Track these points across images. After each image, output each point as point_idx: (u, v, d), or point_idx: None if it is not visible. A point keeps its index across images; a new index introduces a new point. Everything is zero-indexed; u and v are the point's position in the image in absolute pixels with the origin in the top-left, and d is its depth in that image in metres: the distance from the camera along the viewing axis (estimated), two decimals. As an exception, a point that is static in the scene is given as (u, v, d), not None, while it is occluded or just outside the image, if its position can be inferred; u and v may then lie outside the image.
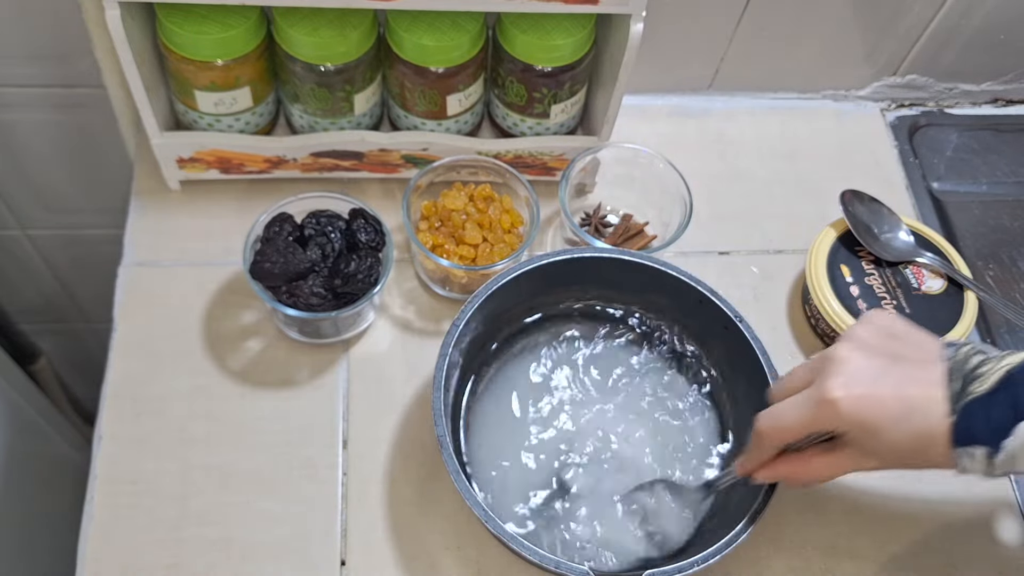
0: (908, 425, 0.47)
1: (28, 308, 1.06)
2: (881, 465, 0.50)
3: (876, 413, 0.47)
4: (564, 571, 0.53)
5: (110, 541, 0.61)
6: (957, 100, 0.90)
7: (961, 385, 0.47)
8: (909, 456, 0.48)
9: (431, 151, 0.73)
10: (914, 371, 0.48)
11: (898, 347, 0.49)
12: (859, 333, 0.50)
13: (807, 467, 0.52)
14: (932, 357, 0.48)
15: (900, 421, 0.47)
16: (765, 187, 0.82)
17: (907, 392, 0.47)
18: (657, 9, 0.73)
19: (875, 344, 0.49)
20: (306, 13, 0.64)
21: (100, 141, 0.83)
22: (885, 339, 0.50)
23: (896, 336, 0.50)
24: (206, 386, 0.67)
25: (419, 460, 0.65)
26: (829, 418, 0.48)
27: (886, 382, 0.47)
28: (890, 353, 0.49)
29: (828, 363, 0.49)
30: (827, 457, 0.51)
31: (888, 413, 0.47)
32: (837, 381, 0.48)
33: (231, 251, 0.70)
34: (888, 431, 0.47)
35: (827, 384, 0.48)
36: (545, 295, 0.68)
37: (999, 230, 0.83)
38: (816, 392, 0.49)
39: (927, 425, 0.47)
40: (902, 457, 0.49)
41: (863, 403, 0.47)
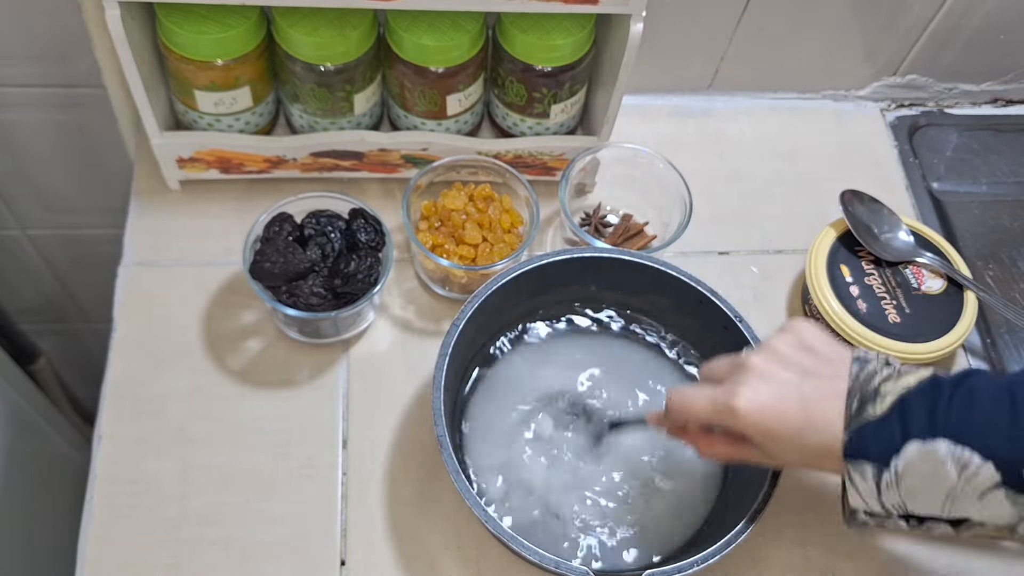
0: (805, 439, 0.49)
1: (28, 308, 1.06)
2: (777, 465, 0.54)
3: (776, 425, 0.50)
4: (564, 571, 0.53)
5: (110, 541, 0.61)
6: (957, 100, 0.90)
7: (858, 405, 0.48)
8: (804, 461, 0.51)
9: (431, 151, 0.73)
10: (820, 385, 0.50)
11: (811, 362, 0.51)
12: (776, 344, 0.52)
13: (711, 446, 0.55)
14: (841, 373, 0.50)
15: (798, 435, 0.49)
16: (765, 187, 0.82)
17: (809, 408, 0.49)
18: (657, 9, 0.73)
19: (789, 356, 0.51)
20: (306, 13, 0.64)
21: (100, 141, 0.83)
22: (800, 352, 0.52)
23: (811, 349, 0.52)
24: (206, 386, 0.67)
25: (419, 460, 0.65)
26: (729, 421, 0.51)
27: (790, 396, 0.50)
28: (802, 367, 0.51)
29: (741, 370, 0.52)
30: (731, 444, 0.54)
31: (788, 426, 0.49)
32: (742, 391, 0.50)
33: (231, 251, 0.70)
34: (786, 442, 0.50)
35: (734, 391, 0.50)
36: (545, 295, 0.68)
37: (999, 230, 0.83)
38: (722, 395, 0.51)
39: (823, 441, 0.49)
40: (799, 463, 0.51)
41: (764, 415, 0.50)
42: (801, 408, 0.49)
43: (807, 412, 0.49)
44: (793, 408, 0.49)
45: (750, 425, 0.50)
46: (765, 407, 0.50)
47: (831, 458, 0.49)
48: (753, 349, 0.53)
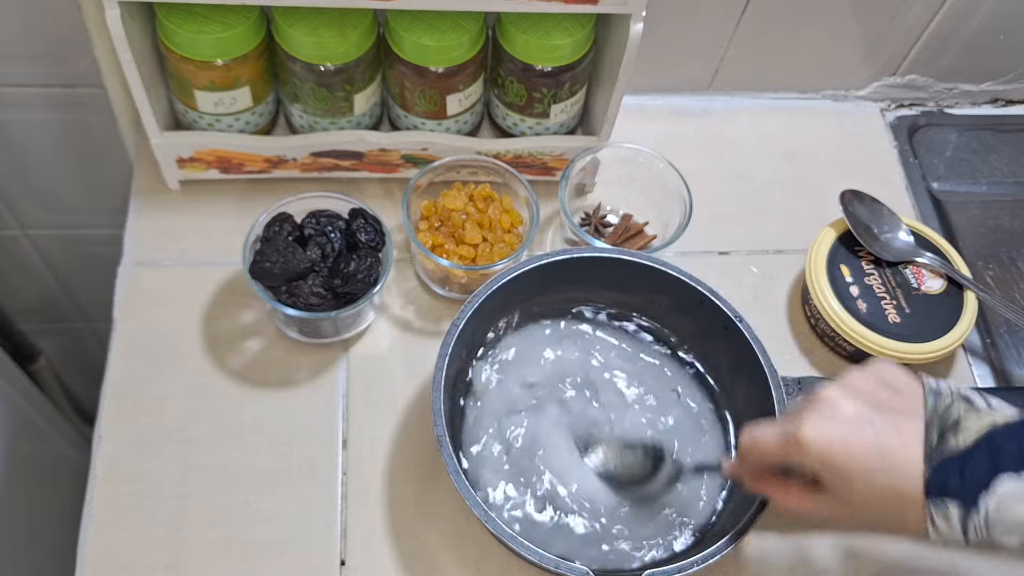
0: (880, 476, 0.46)
1: (28, 308, 1.06)
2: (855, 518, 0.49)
3: (846, 460, 0.46)
4: (564, 571, 0.53)
5: (110, 541, 0.61)
6: (957, 100, 0.90)
7: (938, 437, 0.45)
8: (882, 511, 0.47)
9: (431, 151, 0.73)
10: (896, 420, 0.47)
11: (888, 397, 0.48)
12: (851, 378, 0.49)
13: (785, 494, 0.52)
14: (918, 410, 0.47)
15: (872, 472, 0.46)
16: (765, 187, 0.82)
17: (884, 442, 0.46)
18: (657, 9, 0.73)
19: (865, 391, 0.48)
20: (306, 13, 0.64)
21: (100, 141, 0.83)
22: (878, 387, 0.49)
23: (890, 386, 0.49)
24: (206, 386, 0.67)
25: (419, 460, 0.65)
26: (796, 454, 0.48)
27: (864, 431, 0.46)
28: (877, 401, 0.48)
29: (813, 401, 0.49)
30: (805, 493, 0.50)
31: (859, 462, 0.46)
32: (811, 422, 0.47)
33: (231, 251, 0.70)
34: (859, 480, 0.46)
35: (802, 421, 0.48)
36: (545, 295, 0.68)
37: (999, 230, 0.83)
38: (791, 426, 0.48)
39: (901, 478, 0.45)
40: (875, 511, 0.47)
41: (833, 448, 0.46)
42: (874, 442, 0.46)
43: (880, 446, 0.46)
44: (864, 442, 0.46)
45: (816, 459, 0.47)
46: (834, 440, 0.46)
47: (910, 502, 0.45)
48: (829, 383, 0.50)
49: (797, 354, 0.73)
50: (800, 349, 0.73)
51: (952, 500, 0.44)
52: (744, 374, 0.63)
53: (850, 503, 0.47)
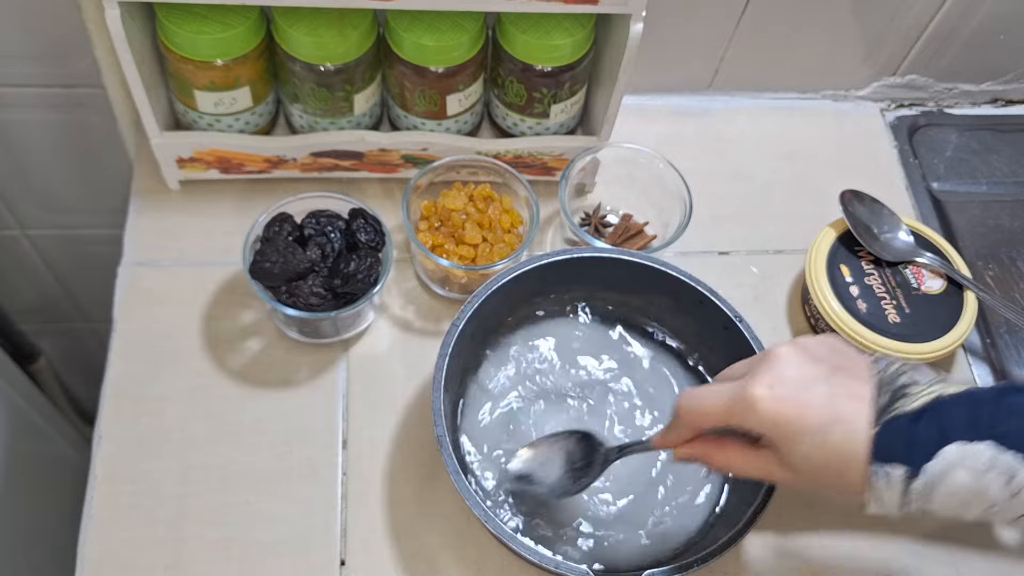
0: (828, 436, 0.44)
1: (28, 308, 1.06)
2: (795, 478, 0.48)
3: (796, 419, 0.45)
4: (563, 571, 0.53)
5: (110, 541, 0.61)
6: (957, 100, 0.90)
7: (889, 400, 0.44)
8: (824, 473, 0.46)
9: (431, 151, 0.73)
10: (848, 384, 0.46)
11: (839, 360, 0.47)
12: (806, 340, 0.48)
13: (722, 454, 0.50)
14: (868, 375, 0.46)
15: (821, 432, 0.44)
16: (765, 187, 0.82)
17: (835, 403, 0.45)
18: (657, 9, 0.73)
19: (817, 352, 0.47)
20: (306, 13, 0.64)
21: (100, 141, 0.83)
22: (829, 351, 0.48)
23: (840, 352, 0.48)
24: (205, 386, 0.67)
25: (419, 460, 0.65)
26: (746, 414, 0.46)
27: (817, 390, 0.45)
28: (830, 363, 0.47)
29: (764, 359, 0.47)
30: (743, 451, 0.49)
31: (810, 421, 0.45)
32: (764, 379, 0.46)
33: (231, 251, 0.70)
34: (807, 440, 0.45)
35: (754, 380, 0.46)
36: (545, 295, 0.68)
37: (999, 230, 0.83)
38: (740, 386, 0.46)
39: (848, 439, 0.44)
40: (817, 472, 0.46)
41: (784, 406, 0.45)
42: (827, 403, 0.44)
43: (833, 408, 0.44)
44: (818, 401, 0.45)
45: (767, 417, 0.45)
46: (786, 399, 0.45)
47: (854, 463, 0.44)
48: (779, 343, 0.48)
49: (797, 354, 0.73)
50: (800, 349, 0.73)
51: (897, 464, 0.43)
52: (744, 374, 0.63)
53: (792, 463, 0.46)
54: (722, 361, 0.66)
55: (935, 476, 0.42)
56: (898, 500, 0.44)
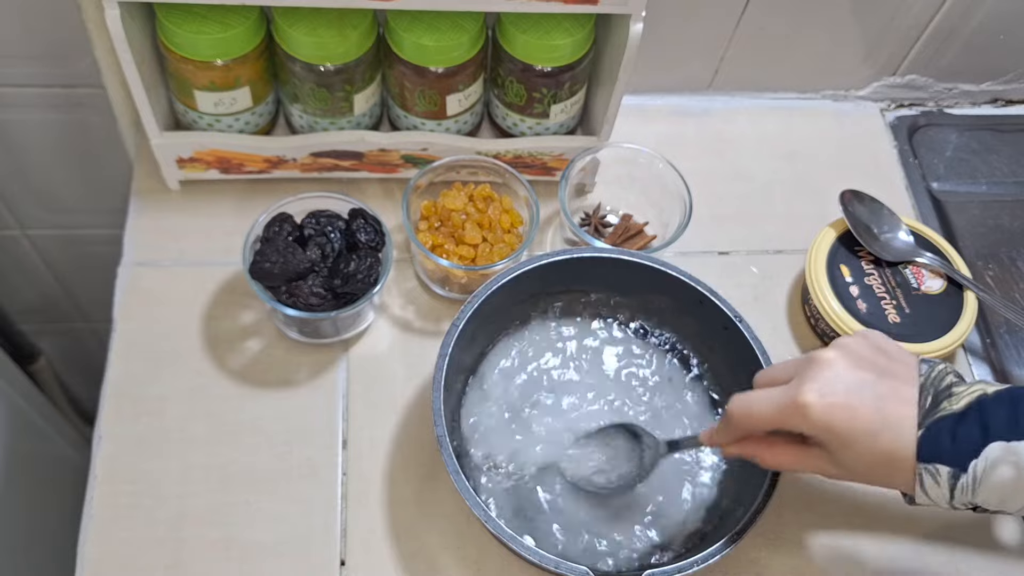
0: (878, 440, 0.46)
1: (28, 308, 1.06)
2: (845, 476, 0.49)
3: (847, 424, 0.46)
4: (563, 571, 0.53)
5: (110, 541, 0.61)
6: (957, 100, 0.90)
7: (931, 402, 0.46)
8: (875, 472, 0.47)
9: (431, 151, 0.73)
10: (895, 388, 0.47)
11: (885, 363, 0.48)
12: (850, 342, 0.50)
13: (772, 453, 0.51)
14: (913, 376, 0.47)
15: (871, 435, 0.46)
16: (765, 187, 0.82)
17: (883, 407, 0.46)
18: (657, 9, 0.73)
19: (864, 356, 0.49)
20: (306, 13, 0.64)
21: (100, 141, 0.83)
22: (874, 353, 0.49)
23: (885, 352, 0.49)
24: (205, 386, 0.67)
25: (418, 460, 0.65)
26: (797, 420, 0.48)
27: (865, 395, 0.47)
28: (877, 367, 0.48)
29: (811, 365, 0.48)
30: (794, 450, 0.50)
31: (860, 426, 0.46)
32: (814, 386, 0.47)
33: (231, 251, 0.70)
34: (858, 444, 0.46)
35: (804, 387, 0.47)
36: (545, 295, 0.68)
37: (999, 230, 0.83)
38: (791, 391, 0.48)
39: (897, 442, 0.46)
40: (868, 472, 0.48)
41: (835, 412, 0.46)
42: (876, 407, 0.46)
43: (882, 411, 0.46)
44: (867, 406, 0.46)
45: (819, 423, 0.46)
46: (836, 404, 0.46)
47: (902, 463, 0.45)
48: (823, 347, 0.49)
49: (797, 354, 0.73)
50: (800, 349, 0.73)
51: (943, 464, 0.45)
52: (744, 374, 0.63)
53: (843, 463, 0.48)
54: (722, 361, 0.66)
55: (980, 473, 0.44)
56: (946, 496, 0.45)
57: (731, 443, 0.53)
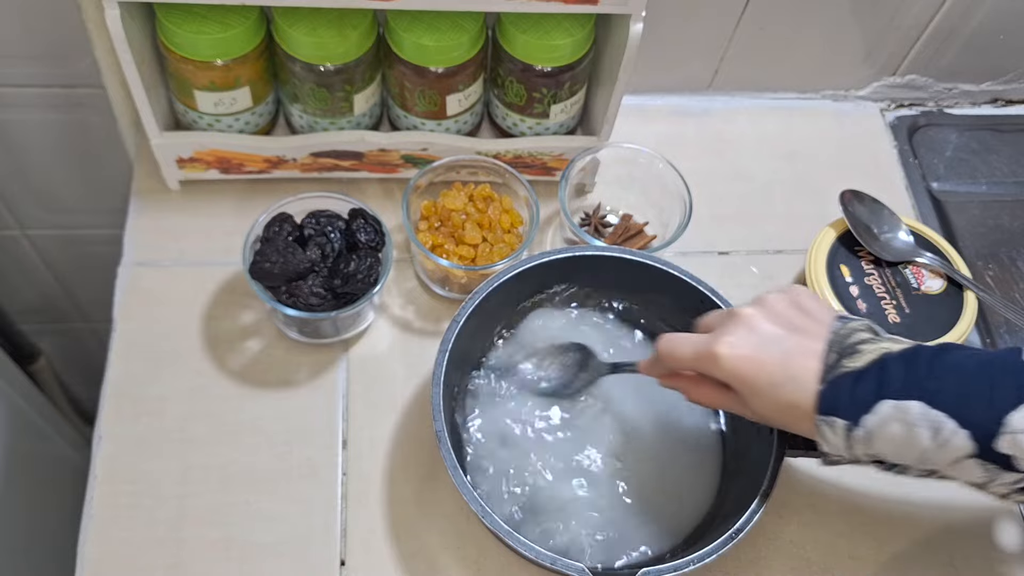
0: (782, 391, 0.50)
1: (28, 308, 1.06)
2: (757, 419, 0.53)
3: (754, 376, 0.50)
4: (560, 568, 0.53)
5: (110, 541, 0.61)
6: (957, 100, 0.90)
7: (836, 358, 0.49)
8: (781, 418, 0.51)
9: (431, 151, 0.73)
10: (803, 342, 0.50)
11: (800, 320, 0.52)
12: (770, 299, 0.53)
13: (696, 389, 0.56)
14: (825, 333, 0.51)
15: (775, 387, 0.50)
16: (765, 187, 0.82)
17: (789, 361, 0.50)
18: (657, 9, 0.73)
19: (780, 312, 0.52)
20: (306, 13, 0.64)
21: (100, 141, 0.83)
22: (792, 309, 0.52)
23: (804, 309, 0.52)
24: (205, 386, 0.67)
25: (419, 459, 0.65)
26: (711, 367, 0.52)
27: (773, 349, 0.50)
28: (790, 324, 0.51)
29: (731, 318, 0.53)
30: (714, 390, 0.54)
31: (764, 378, 0.50)
32: (727, 339, 0.51)
33: (231, 251, 0.70)
34: (763, 393, 0.50)
35: (719, 339, 0.51)
36: (545, 294, 0.68)
37: (999, 230, 0.83)
38: (708, 341, 0.52)
39: (798, 393, 0.49)
40: (775, 417, 0.52)
41: (743, 363, 0.50)
42: (782, 361, 0.50)
43: (787, 366, 0.50)
44: (773, 360, 0.50)
45: (729, 372, 0.51)
46: (745, 356, 0.50)
47: (803, 414, 0.49)
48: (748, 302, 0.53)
49: (797, 354, 0.73)
50: (800, 349, 0.73)
51: (838, 417, 0.48)
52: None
53: (752, 408, 0.52)
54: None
55: (872, 427, 0.47)
56: (843, 445, 0.49)
57: (662, 376, 0.58)
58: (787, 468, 0.57)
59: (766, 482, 0.57)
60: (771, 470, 0.57)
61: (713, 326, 0.54)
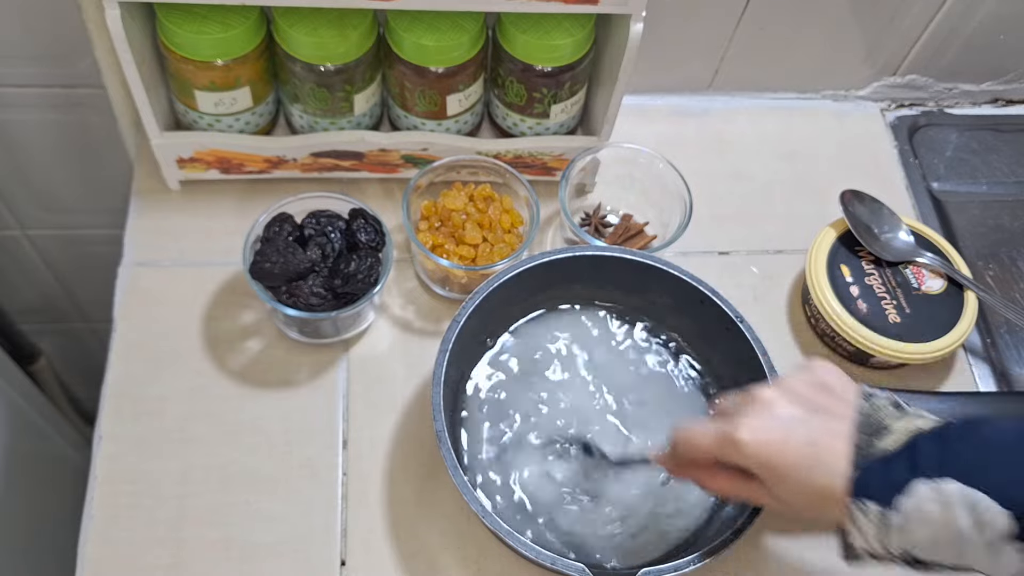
0: (810, 476, 0.47)
1: (28, 308, 1.06)
2: (782, 509, 0.50)
3: (779, 460, 0.47)
4: (560, 568, 0.53)
5: (110, 541, 0.61)
6: (957, 100, 0.90)
7: (867, 439, 0.47)
8: (809, 506, 0.48)
9: (431, 151, 0.73)
10: (829, 423, 0.48)
11: (824, 399, 0.49)
12: (790, 380, 0.51)
13: (712, 480, 0.53)
14: (850, 412, 0.48)
15: (803, 471, 0.47)
16: (765, 187, 0.82)
17: (816, 444, 0.47)
18: (657, 9, 0.73)
19: (801, 392, 0.50)
20: (306, 13, 0.64)
21: (100, 141, 0.83)
22: (814, 389, 0.50)
23: (827, 388, 0.50)
24: (206, 386, 0.67)
25: (419, 459, 0.65)
26: (732, 454, 0.49)
27: (798, 432, 0.48)
28: (813, 404, 0.49)
29: (750, 401, 0.50)
30: (733, 480, 0.51)
31: (791, 462, 0.47)
32: (747, 423, 0.49)
33: (231, 251, 0.70)
34: (790, 479, 0.48)
35: (739, 423, 0.49)
36: (545, 294, 0.68)
37: (999, 230, 0.83)
38: (727, 427, 0.49)
39: (828, 477, 0.46)
40: (802, 505, 0.49)
41: (768, 449, 0.48)
42: (808, 444, 0.47)
43: (813, 448, 0.47)
44: (798, 443, 0.47)
45: (752, 458, 0.48)
46: (768, 442, 0.48)
47: (834, 501, 0.46)
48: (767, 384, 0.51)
49: (797, 354, 0.73)
50: (800, 349, 0.73)
51: (871, 500, 0.45)
52: (744, 375, 0.63)
53: (779, 497, 0.49)
54: (722, 361, 0.66)
55: (908, 510, 0.44)
56: (875, 533, 0.46)
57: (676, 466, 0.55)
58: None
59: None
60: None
61: (730, 411, 0.51)
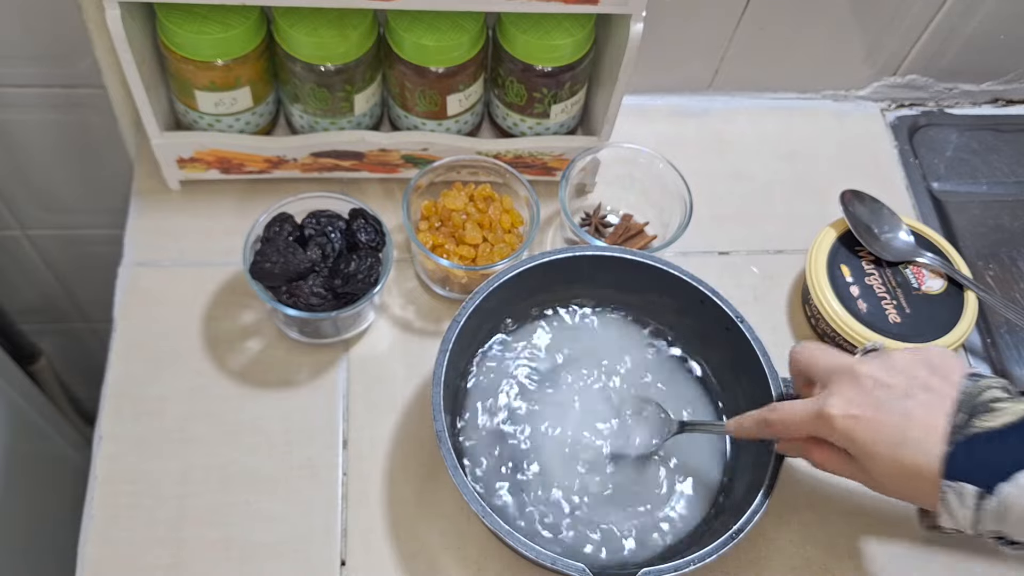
0: (902, 453, 0.45)
1: (28, 308, 1.06)
2: (876, 487, 0.49)
3: (870, 437, 0.46)
4: (560, 567, 0.53)
5: (110, 541, 0.61)
6: (957, 100, 0.90)
7: (966, 418, 0.44)
8: (900, 486, 0.47)
9: (431, 151, 0.73)
10: (928, 399, 0.46)
11: (925, 376, 0.47)
12: (895, 354, 0.49)
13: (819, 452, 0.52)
14: (952, 391, 0.46)
15: (894, 447, 0.45)
16: (765, 187, 0.82)
17: (910, 421, 0.45)
18: (657, 9, 0.73)
19: (902, 369, 0.48)
20: (306, 13, 0.64)
21: (100, 141, 0.83)
22: (916, 366, 0.48)
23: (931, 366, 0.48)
24: (206, 386, 0.67)
25: (419, 459, 0.65)
26: (825, 430, 0.48)
27: (892, 408, 0.46)
28: (912, 380, 0.47)
29: (844, 375, 0.48)
30: (835, 455, 0.50)
31: (882, 439, 0.46)
32: (838, 399, 0.47)
33: (231, 251, 0.70)
34: (881, 456, 0.46)
35: (829, 399, 0.48)
36: (546, 293, 0.68)
37: (999, 230, 0.83)
38: (819, 403, 0.48)
39: (921, 456, 0.45)
40: (894, 485, 0.47)
41: (859, 425, 0.46)
42: (901, 421, 0.45)
43: (907, 426, 0.45)
44: (891, 420, 0.45)
45: (843, 435, 0.47)
46: (860, 417, 0.46)
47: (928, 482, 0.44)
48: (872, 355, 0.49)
49: (797, 354, 0.73)
50: (800, 349, 0.73)
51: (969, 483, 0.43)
52: (745, 375, 0.63)
53: (870, 473, 0.48)
54: (722, 361, 0.66)
55: (1009, 498, 0.42)
56: (971, 518, 0.44)
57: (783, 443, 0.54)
58: (787, 468, 0.57)
59: (767, 482, 0.57)
60: (771, 470, 0.57)
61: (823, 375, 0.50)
